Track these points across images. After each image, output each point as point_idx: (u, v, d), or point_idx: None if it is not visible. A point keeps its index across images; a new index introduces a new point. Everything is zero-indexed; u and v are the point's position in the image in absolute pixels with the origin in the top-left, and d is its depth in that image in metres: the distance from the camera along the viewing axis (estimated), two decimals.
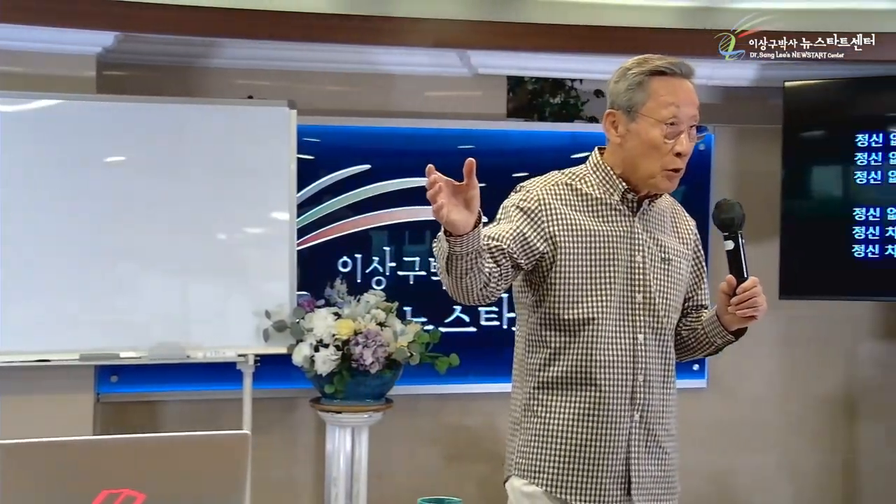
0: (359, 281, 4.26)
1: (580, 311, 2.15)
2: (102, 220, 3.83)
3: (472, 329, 4.37)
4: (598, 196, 2.20)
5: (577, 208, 2.19)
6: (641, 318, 2.17)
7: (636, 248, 2.18)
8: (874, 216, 4.22)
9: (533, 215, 2.15)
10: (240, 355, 3.90)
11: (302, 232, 4.16)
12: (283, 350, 3.90)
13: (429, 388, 4.31)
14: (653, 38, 4.13)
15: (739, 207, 2.12)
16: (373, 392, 3.89)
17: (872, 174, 4.23)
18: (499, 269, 2.08)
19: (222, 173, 3.92)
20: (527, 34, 4.07)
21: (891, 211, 4.20)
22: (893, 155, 4.20)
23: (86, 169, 3.82)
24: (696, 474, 4.68)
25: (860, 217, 4.24)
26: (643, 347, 2.17)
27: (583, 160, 2.32)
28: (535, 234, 2.14)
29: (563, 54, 4.28)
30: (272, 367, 4.06)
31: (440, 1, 4.04)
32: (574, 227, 2.16)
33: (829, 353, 4.75)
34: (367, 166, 4.29)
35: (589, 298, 2.15)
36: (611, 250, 2.16)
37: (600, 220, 2.18)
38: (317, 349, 3.79)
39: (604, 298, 2.15)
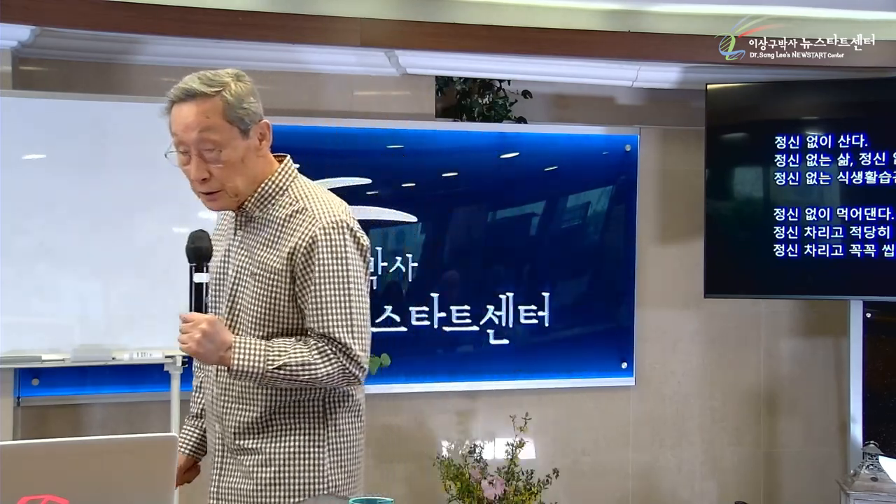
0: None
1: None
2: (21, 219, 3.74)
3: (403, 329, 4.37)
4: (228, 216, 2.32)
5: (221, 232, 2.32)
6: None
7: (230, 264, 2.24)
8: (793, 216, 4.34)
9: None
10: (167, 356, 3.84)
11: None
12: None
13: None
14: (578, 40, 4.20)
15: (196, 240, 2.13)
16: None
17: (791, 175, 4.34)
18: None
19: (147, 171, 3.85)
20: (455, 35, 4.09)
21: (808, 211, 4.32)
22: (810, 157, 4.32)
23: (2, 167, 3.72)
24: (622, 470, 4.76)
25: (780, 217, 4.35)
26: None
27: (510, 160, 2.36)
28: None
29: (492, 55, 4.31)
30: None
31: (368, 0, 4.04)
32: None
33: (750, 349, 4.86)
34: (296, 166, 4.25)
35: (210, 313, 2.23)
36: (217, 270, 2.25)
37: (225, 240, 2.28)
38: None
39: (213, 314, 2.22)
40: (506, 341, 4.49)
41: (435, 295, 4.41)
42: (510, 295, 4.48)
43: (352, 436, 2.26)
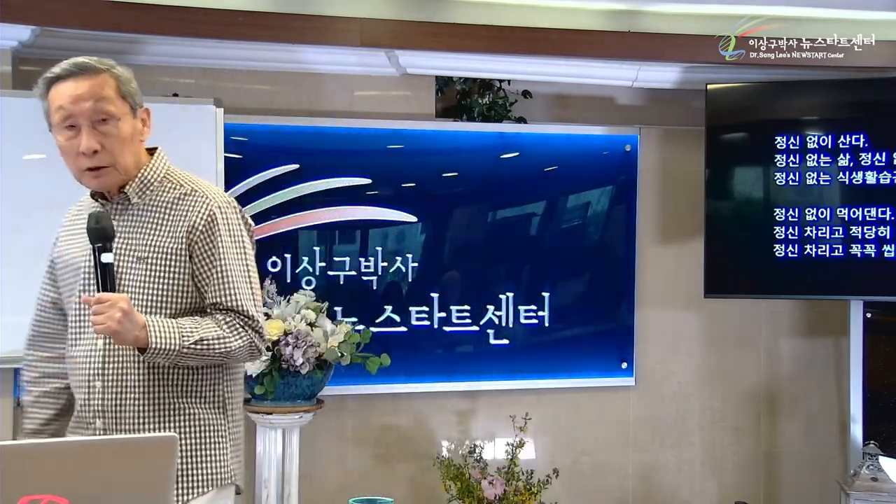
0: (288, 281, 4.23)
1: (68, 315, 2.27)
2: (21, 219, 3.74)
3: (403, 329, 4.37)
4: (90, 204, 2.29)
5: (77, 224, 2.26)
6: None
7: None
8: (793, 217, 4.34)
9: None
10: None
11: None
12: None
13: (359, 388, 4.30)
14: (578, 40, 4.20)
15: (101, 219, 2.11)
16: (303, 393, 3.87)
17: (791, 175, 4.34)
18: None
19: None
20: (455, 35, 4.09)
21: (808, 211, 4.32)
22: (810, 157, 4.32)
23: (2, 167, 3.71)
24: (622, 469, 4.76)
25: (780, 217, 4.35)
26: (102, 353, 2.17)
27: (510, 160, 2.35)
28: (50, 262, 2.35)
29: (492, 55, 4.31)
30: None
31: (368, 0, 4.04)
32: (59, 247, 2.30)
33: (750, 349, 4.86)
34: (296, 166, 4.26)
35: (68, 309, 2.25)
36: (86, 263, 2.20)
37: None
38: None
39: (72, 308, 2.23)
40: (506, 341, 4.49)
41: (435, 295, 4.41)
42: (510, 295, 4.48)
43: (241, 423, 2.32)
